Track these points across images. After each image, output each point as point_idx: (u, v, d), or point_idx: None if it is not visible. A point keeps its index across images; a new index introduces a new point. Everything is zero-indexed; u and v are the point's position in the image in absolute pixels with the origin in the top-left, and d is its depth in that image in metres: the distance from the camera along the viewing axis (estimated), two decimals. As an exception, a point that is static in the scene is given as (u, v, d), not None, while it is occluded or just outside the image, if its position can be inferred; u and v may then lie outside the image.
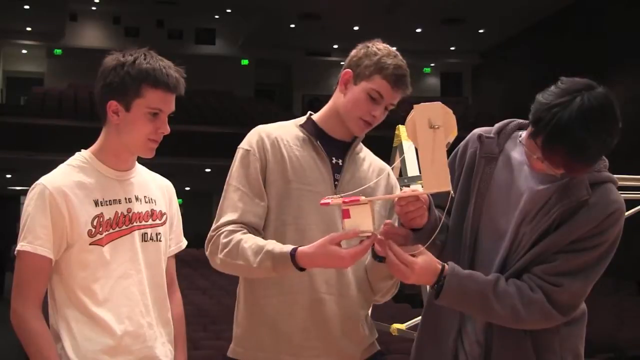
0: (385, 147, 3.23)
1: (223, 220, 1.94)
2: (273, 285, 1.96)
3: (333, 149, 2.05)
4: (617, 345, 7.62)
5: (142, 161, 2.03)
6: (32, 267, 1.83)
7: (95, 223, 1.86)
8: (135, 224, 1.94)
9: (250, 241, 1.87)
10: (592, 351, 6.92)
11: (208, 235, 1.96)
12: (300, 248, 1.80)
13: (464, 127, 1.82)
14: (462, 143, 1.91)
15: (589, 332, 1.85)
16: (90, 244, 1.85)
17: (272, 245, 1.84)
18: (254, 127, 2.07)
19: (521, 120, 1.86)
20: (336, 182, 2.02)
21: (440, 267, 1.70)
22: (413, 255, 1.68)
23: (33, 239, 1.82)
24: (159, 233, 2.00)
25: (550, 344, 1.75)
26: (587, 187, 1.68)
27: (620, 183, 1.78)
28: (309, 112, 2.14)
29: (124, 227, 1.91)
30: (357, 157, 2.10)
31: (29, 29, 20.00)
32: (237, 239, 1.89)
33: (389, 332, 3.65)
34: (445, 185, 1.65)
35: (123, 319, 1.88)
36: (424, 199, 1.71)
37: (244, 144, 2.04)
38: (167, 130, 1.90)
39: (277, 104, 20.96)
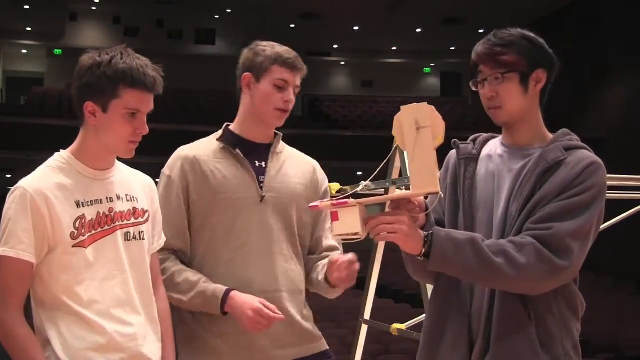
0: (385, 147, 3.23)
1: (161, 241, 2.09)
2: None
3: (254, 152, 2.16)
4: (617, 345, 7.62)
5: (141, 161, 2.02)
6: (14, 272, 1.78)
7: (77, 225, 1.82)
8: (117, 223, 1.90)
9: (182, 276, 2.07)
10: (592, 351, 6.89)
11: None
12: (232, 293, 2.00)
13: (464, 128, 1.84)
14: (444, 163, 1.94)
15: (589, 331, 1.86)
16: (73, 246, 1.82)
17: (204, 285, 2.04)
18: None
19: (491, 134, 1.95)
20: (261, 184, 2.12)
21: (424, 233, 1.69)
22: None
23: (15, 243, 1.78)
24: (142, 231, 1.96)
25: (553, 331, 1.73)
26: (561, 150, 1.76)
27: (620, 183, 1.79)
28: (225, 124, 2.23)
29: (107, 227, 1.88)
30: (279, 156, 2.21)
31: (29, 29, 20.01)
32: (170, 271, 2.09)
33: (389, 332, 3.65)
34: (434, 186, 1.60)
35: (109, 320, 1.84)
36: (418, 201, 1.70)
37: (165, 169, 2.16)
38: (145, 130, 1.87)
39: (277, 104, 20.91)
